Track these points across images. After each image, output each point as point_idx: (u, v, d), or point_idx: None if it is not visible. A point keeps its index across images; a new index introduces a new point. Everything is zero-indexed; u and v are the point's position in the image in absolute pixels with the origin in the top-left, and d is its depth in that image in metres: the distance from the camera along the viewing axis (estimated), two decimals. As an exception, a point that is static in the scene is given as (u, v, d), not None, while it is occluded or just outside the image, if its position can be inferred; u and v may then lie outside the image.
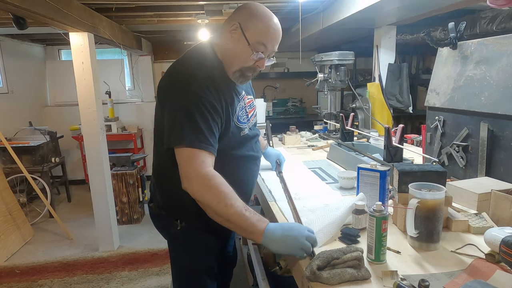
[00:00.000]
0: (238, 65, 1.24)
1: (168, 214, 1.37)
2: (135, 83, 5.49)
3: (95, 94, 2.97)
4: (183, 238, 1.37)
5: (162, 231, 1.46)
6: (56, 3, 2.27)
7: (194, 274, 1.41)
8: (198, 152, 1.12)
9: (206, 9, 3.14)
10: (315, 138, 2.74)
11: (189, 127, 1.13)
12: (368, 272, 0.91)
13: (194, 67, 1.22)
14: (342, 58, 2.55)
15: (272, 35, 1.22)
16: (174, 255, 1.45)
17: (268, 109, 5.10)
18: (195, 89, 1.15)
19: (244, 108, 1.33)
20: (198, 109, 1.14)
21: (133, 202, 3.81)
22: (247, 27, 1.19)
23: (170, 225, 1.36)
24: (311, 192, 1.54)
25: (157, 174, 1.39)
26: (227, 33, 1.24)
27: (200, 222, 1.27)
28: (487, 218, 1.16)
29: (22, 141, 4.08)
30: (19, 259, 3.16)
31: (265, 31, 1.20)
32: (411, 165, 1.22)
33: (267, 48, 1.22)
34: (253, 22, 1.20)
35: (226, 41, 1.25)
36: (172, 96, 1.19)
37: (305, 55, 5.30)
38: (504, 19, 2.54)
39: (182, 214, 1.34)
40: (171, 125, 1.16)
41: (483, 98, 1.40)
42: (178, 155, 1.15)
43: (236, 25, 1.20)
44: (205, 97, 1.15)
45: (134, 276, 2.82)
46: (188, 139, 1.12)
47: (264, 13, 1.22)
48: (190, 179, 1.12)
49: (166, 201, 1.36)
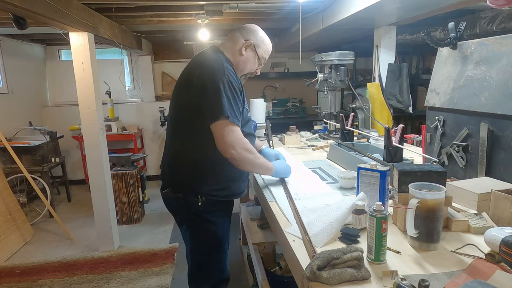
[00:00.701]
0: (248, 70, 1.70)
1: (186, 195, 1.57)
2: (135, 83, 5.49)
3: (95, 94, 2.97)
4: (206, 211, 1.58)
5: (181, 213, 1.65)
6: (56, 3, 2.27)
7: (216, 245, 1.65)
8: (235, 126, 1.46)
9: (206, 9, 3.14)
10: (315, 138, 2.74)
11: (229, 106, 1.44)
12: (368, 272, 0.91)
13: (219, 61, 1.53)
14: (342, 58, 2.55)
15: (270, 52, 1.74)
16: (195, 232, 1.64)
17: (268, 109, 5.10)
18: (227, 76, 1.46)
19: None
20: (232, 91, 1.46)
21: (133, 202, 3.81)
22: (258, 45, 1.67)
23: (191, 204, 1.56)
24: (311, 192, 1.54)
25: (176, 159, 1.62)
26: (240, 46, 1.63)
27: (219, 193, 1.57)
28: (487, 218, 1.16)
29: (22, 141, 4.08)
30: (19, 259, 3.16)
31: (268, 50, 1.73)
32: (411, 165, 1.22)
33: (265, 60, 1.74)
34: (262, 43, 1.68)
35: (240, 53, 1.64)
36: (208, 81, 1.45)
37: (305, 55, 5.30)
38: (504, 19, 2.54)
39: (203, 190, 1.55)
40: (215, 104, 1.43)
41: (483, 98, 1.40)
42: (218, 127, 1.44)
43: (251, 44, 1.64)
44: (234, 82, 1.48)
45: (134, 276, 2.82)
46: (230, 114, 1.43)
47: (267, 38, 1.72)
48: (234, 146, 1.44)
49: (184, 182, 1.58)
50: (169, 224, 3.79)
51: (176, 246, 3.27)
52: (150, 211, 4.21)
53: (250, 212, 2.81)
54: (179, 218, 1.69)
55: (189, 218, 1.62)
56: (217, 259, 1.67)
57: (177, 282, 2.71)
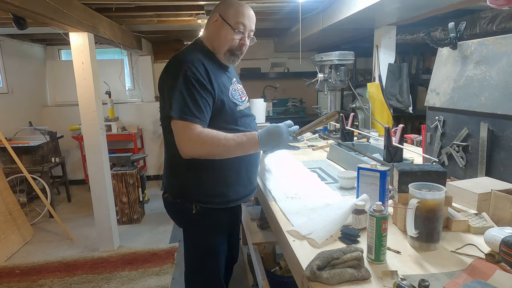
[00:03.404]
0: (226, 46, 1.46)
1: (183, 201, 1.51)
2: (135, 83, 5.49)
3: (95, 94, 2.97)
4: (199, 220, 1.51)
5: (178, 218, 1.62)
6: (56, 3, 2.27)
7: (210, 254, 1.57)
8: (186, 123, 1.33)
9: (206, 9, 3.14)
10: (315, 138, 2.74)
11: (181, 102, 1.33)
12: (368, 272, 0.91)
13: (186, 52, 1.45)
14: (342, 58, 2.55)
15: (247, 14, 1.47)
16: (190, 239, 1.59)
17: (268, 109, 5.09)
18: (184, 71, 1.35)
19: (237, 91, 1.55)
20: (188, 85, 1.34)
21: (133, 202, 3.81)
22: (226, 14, 1.45)
23: (186, 211, 1.50)
24: (311, 192, 1.54)
25: (170, 165, 1.55)
26: (211, 25, 1.49)
27: (213, 200, 1.49)
28: (487, 218, 1.16)
29: (22, 141, 4.08)
30: (19, 259, 3.16)
31: (241, 12, 1.46)
32: (411, 165, 1.22)
33: (245, 26, 1.46)
34: (230, 8, 1.45)
35: (211, 31, 1.48)
36: (167, 80, 1.40)
37: (305, 55, 5.30)
38: (504, 19, 2.54)
39: (197, 198, 1.48)
40: (167, 104, 1.36)
41: (483, 98, 1.40)
42: (173, 129, 1.36)
43: (217, 16, 1.46)
44: (192, 75, 1.35)
45: (134, 276, 2.82)
46: (180, 112, 1.32)
47: (237, 1, 1.49)
48: (185, 144, 1.34)
49: (181, 188, 1.51)
50: (169, 224, 3.79)
51: (176, 246, 3.27)
52: (150, 211, 4.20)
53: (250, 212, 2.81)
54: (177, 222, 1.67)
55: (184, 224, 1.60)
56: (209, 270, 1.59)
57: (177, 282, 2.72)
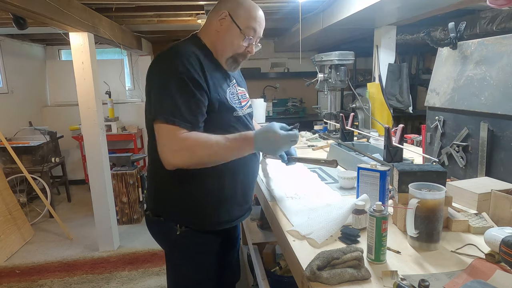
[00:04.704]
0: (231, 51, 1.28)
1: (166, 220, 1.32)
2: (135, 83, 5.49)
3: (95, 94, 2.97)
4: (184, 242, 1.32)
5: (161, 239, 1.40)
6: (56, 3, 2.27)
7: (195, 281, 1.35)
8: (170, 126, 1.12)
9: (206, 9, 3.14)
10: (315, 138, 2.74)
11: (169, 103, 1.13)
12: (368, 272, 0.91)
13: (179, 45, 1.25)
14: (342, 58, 2.55)
15: (260, 19, 1.28)
16: (173, 263, 1.39)
17: (268, 109, 5.09)
18: (176, 65, 1.15)
19: (236, 95, 1.34)
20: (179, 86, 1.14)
21: (133, 202, 3.81)
22: (236, 14, 1.24)
23: (170, 231, 1.30)
24: (311, 192, 1.54)
25: (153, 178, 1.34)
26: (215, 22, 1.27)
27: (201, 224, 1.30)
28: (487, 218, 1.16)
29: (22, 141, 4.08)
30: (19, 259, 3.16)
31: (253, 16, 1.26)
32: (411, 165, 1.22)
33: (256, 33, 1.28)
34: (241, 8, 1.25)
35: (215, 30, 1.27)
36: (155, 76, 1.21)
37: (305, 55, 5.29)
38: (504, 19, 2.54)
39: (183, 218, 1.30)
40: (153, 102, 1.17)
41: (483, 98, 1.40)
42: (156, 132, 1.16)
43: (225, 14, 1.24)
44: (187, 73, 1.15)
45: (134, 276, 2.82)
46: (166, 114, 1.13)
47: (249, 1, 1.28)
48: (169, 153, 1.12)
49: (165, 205, 1.32)
50: (169, 224, 3.79)
51: (176, 246, 3.28)
52: (150, 211, 4.20)
53: (250, 212, 2.81)
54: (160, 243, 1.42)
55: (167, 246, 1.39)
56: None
57: (177, 282, 2.72)
